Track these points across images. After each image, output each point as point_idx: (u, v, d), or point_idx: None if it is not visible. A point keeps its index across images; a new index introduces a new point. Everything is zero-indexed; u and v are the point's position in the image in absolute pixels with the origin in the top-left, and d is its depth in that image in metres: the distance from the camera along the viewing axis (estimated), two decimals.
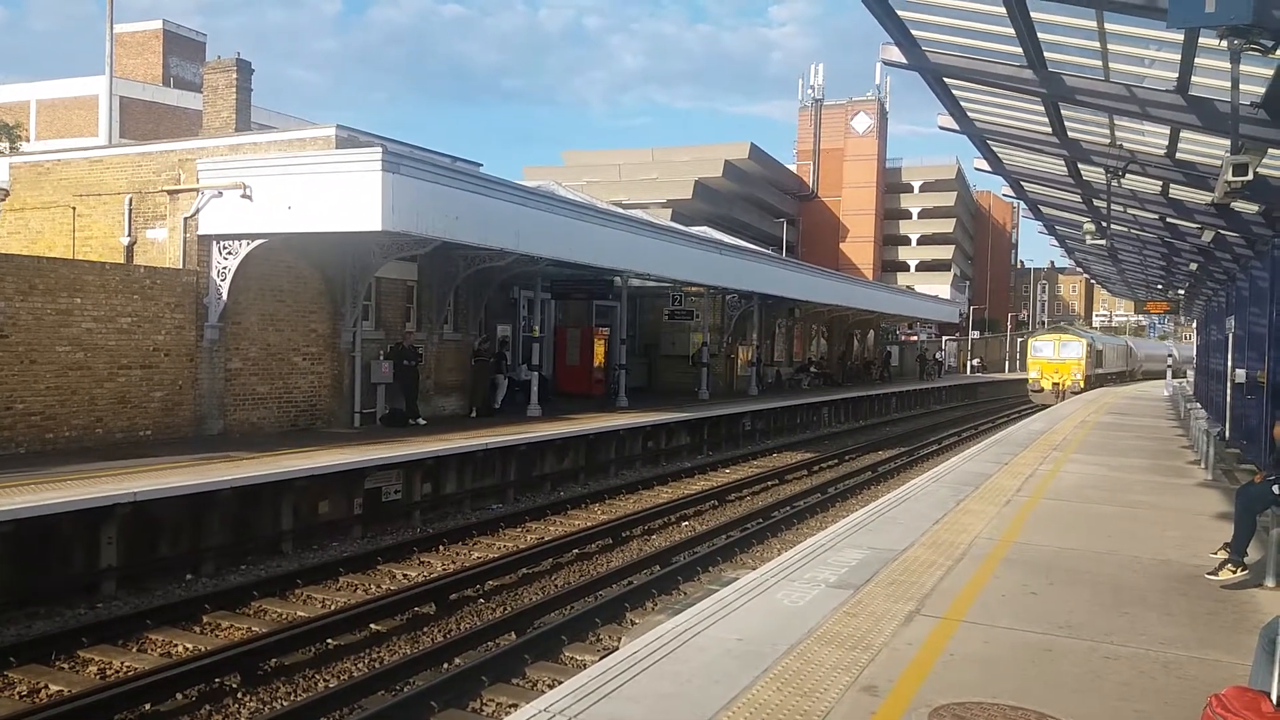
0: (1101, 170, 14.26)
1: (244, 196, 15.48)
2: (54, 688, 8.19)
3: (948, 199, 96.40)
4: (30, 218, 18.86)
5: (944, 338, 73.34)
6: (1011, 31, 9.36)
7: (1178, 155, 12.61)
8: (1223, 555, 8.61)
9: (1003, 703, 5.51)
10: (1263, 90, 9.06)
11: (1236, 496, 9.01)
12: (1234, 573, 8.42)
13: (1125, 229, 20.03)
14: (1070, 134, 13.31)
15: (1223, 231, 15.93)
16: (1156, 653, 6.54)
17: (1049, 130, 13.14)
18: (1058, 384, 47.43)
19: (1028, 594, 7.93)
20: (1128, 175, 13.85)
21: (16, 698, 8.06)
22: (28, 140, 36.89)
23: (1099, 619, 7.28)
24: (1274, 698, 4.55)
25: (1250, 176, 8.74)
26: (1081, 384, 46.87)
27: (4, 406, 13.19)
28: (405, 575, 12.18)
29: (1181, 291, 32.22)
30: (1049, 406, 39.98)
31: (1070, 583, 8.34)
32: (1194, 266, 22.89)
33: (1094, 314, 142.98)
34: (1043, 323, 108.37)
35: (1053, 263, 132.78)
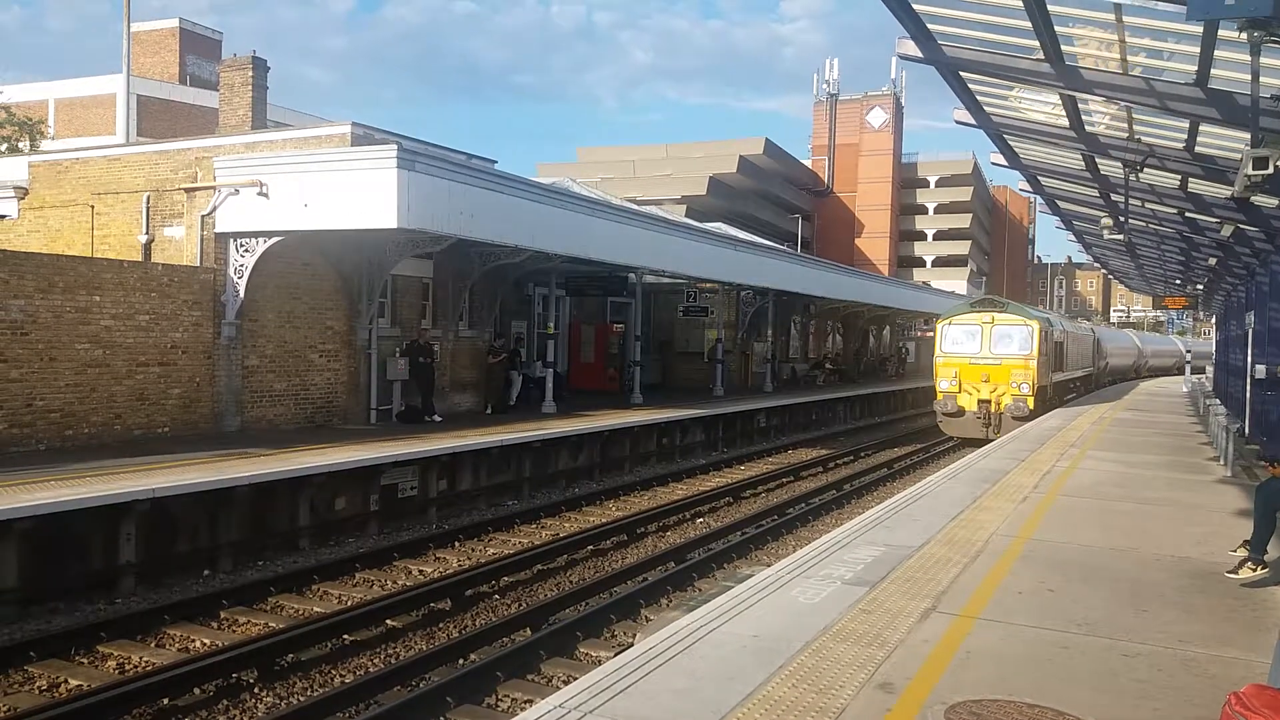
0: (1119, 164, 14.15)
1: (260, 194, 15.55)
2: (74, 682, 8.26)
3: (964, 194, 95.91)
4: (49, 216, 19.00)
5: None
6: (1028, 24, 9.30)
7: (1197, 149, 12.50)
8: (1242, 553, 8.54)
9: (1019, 700, 5.49)
10: None
11: (1256, 493, 8.93)
12: (1254, 570, 8.35)
13: (1143, 224, 19.88)
14: (1088, 128, 13.22)
15: (1242, 226, 15.79)
16: (1175, 650, 6.50)
17: (1066, 124, 13.05)
18: (988, 402, 26.32)
19: (1045, 591, 7.88)
20: (1146, 169, 13.75)
21: (37, 692, 8.13)
22: (51, 138, 37.14)
23: (1117, 616, 7.23)
24: None
25: (1271, 170, 8.64)
26: (1030, 403, 25.92)
27: (25, 403, 13.30)
28: (421, 571, 12.22)
29: (1200, 286, 31.97)
30: (970, 448, 22.15)
31: (1088, 580, 8.29)
32: (1213, 261, 22.71)
33: (1112, 309, 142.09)
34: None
35: (1070, 258, 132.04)
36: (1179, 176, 14.61)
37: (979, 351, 26.75)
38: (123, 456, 13.07)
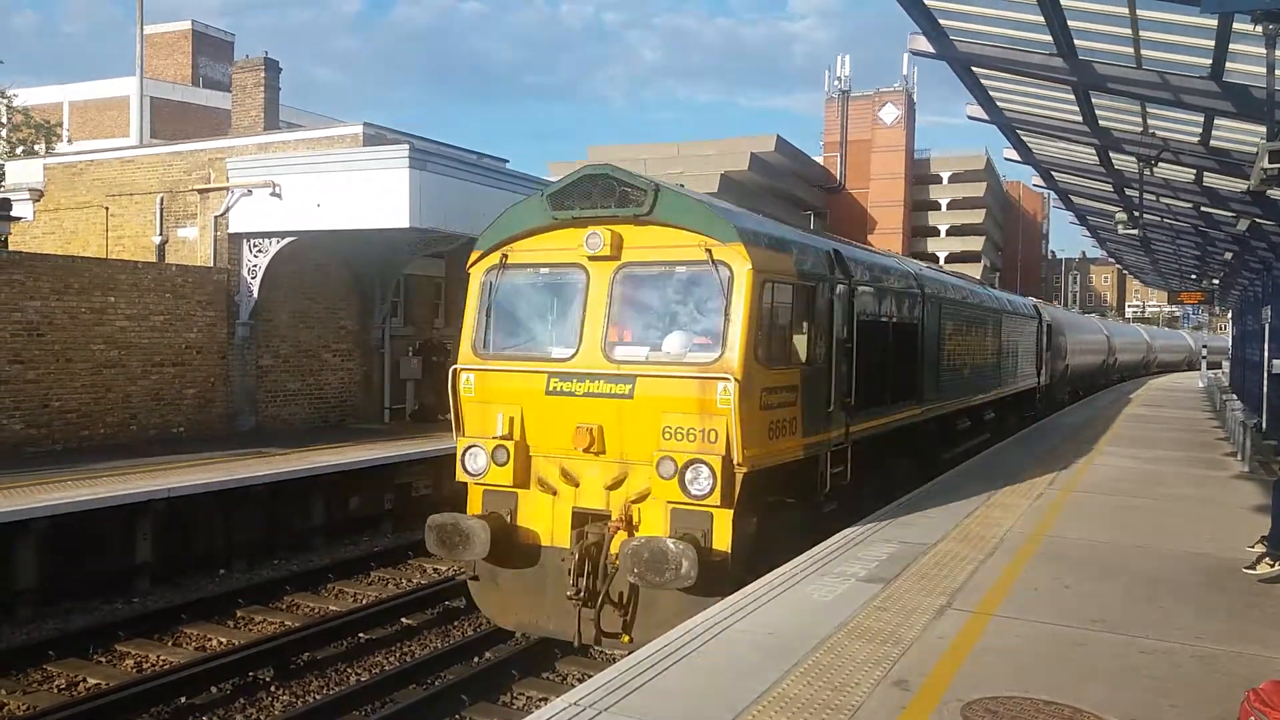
0: (1133, 159, 14.08)
1: (273, 195, 15.61)
2: (92, 681, 8.32)
3: (977, 190, 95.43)
4: (64, 218, 19.12)
5: None
6: (1041, 19, 9.25)
7: (1212, 143, 12.41)
8: (1260, 549, 8.47)
9: (1036, 697, 5.46)
10: None
11: (1274, 489, 8.86)
12: (1271, 566, 8.28)
13: (1158, 218, 19.76)
14: (1101, 122, 13.14)
15: (1259, 220, 15.67)
16: (1192, 647, 6.46)
17: (1080, 119, 12.98)
18: (602, 522, 7.86)
19: (1061, 588, 7.84)
20: (1160, 164, 13.67)
21: (55, 691, 8.19)
22: (67, 141, 37.35)
23: (1133, 613, 7.19)
24: None
25: None
26: (725, 523, 7.47)
27: (41, 404, 13.39)
28: (436, 570, 12.25)
29: (1216, 281, 31.78)
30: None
31: (1104, 576, 8.24)
32: (1229, 256, 22.56)
33: (1126, 304, 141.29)
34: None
35: (1084, 253, 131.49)
36: (1194, 170, 14.52)
37: (574, 353, 8.43)
38: (138, 456, 13.14)
